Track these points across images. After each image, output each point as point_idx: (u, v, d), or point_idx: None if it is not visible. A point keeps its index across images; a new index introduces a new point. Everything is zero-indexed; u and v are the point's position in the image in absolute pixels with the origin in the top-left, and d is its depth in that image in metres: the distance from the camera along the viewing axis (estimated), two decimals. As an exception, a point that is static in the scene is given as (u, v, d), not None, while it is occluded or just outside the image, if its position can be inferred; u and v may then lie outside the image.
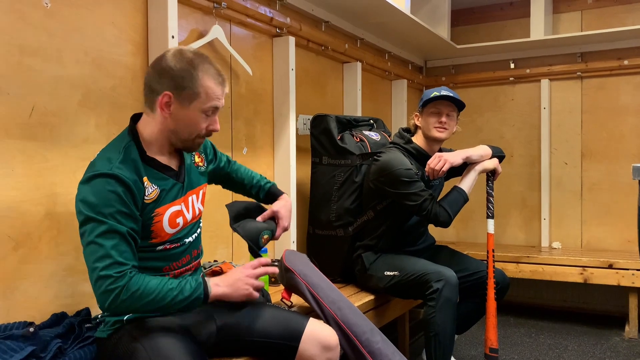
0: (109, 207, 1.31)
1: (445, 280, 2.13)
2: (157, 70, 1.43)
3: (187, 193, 1.54)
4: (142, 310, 1.36)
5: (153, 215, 1.43)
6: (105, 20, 1.84)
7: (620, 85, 3.69)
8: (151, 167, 1.45)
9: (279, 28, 2.57)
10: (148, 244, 1.44)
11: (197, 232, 1.60)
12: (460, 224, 4.16)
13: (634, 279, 3.16)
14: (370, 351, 1.83)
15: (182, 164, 1.56)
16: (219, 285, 1.44)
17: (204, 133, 1.48)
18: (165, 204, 1.46)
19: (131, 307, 1.32)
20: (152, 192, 1.43)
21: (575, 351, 3.02)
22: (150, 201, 1.42)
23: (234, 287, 1.47)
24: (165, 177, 1.47)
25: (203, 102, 1.42)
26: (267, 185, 1.90)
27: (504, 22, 4.09)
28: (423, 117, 2.38)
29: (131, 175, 1.37)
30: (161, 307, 1.34)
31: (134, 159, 1.41)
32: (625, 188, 3.60)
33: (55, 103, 1.68)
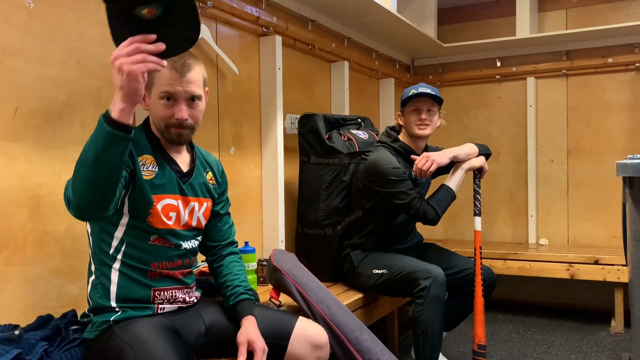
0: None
1: (432, 277, 2.14)
2: None
3: (189, 197, 1.54)
4: (83, 179, 1.21)
5: (153, 196, 1.44)
6: (89, 21, 1.82)
7: (605, 83, 3.73)
8: (159, 153, 1.49)
9: (265, 27, 2.57)
10: (144, 226, 1.44)
11: (194, 243, 1.59)
12: (448, 221, 4.18)
13: (619, 274, 3.20)
14: (358, 349, 1.84)
15: (192, 170, 1.57)
16: (115, 99, 1.20)
17: (173, 122, 1.45)
18: (163, 194, 1.47)
19: (74, 184, 1.23)
20: (149, 170, 1.45)
21: (562, 346, 3.05)
22: (147, 178, 1.44)
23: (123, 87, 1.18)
24: (167, 167, 1.50)
25: (157, 87, 1.44)
26: (241, 297, 1.60)
27: (490, 21, 4.11)
28: (405, 116, 2.40)
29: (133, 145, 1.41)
30: (87, 162, 1.19)
31: (141, 137, 1.48)
32: (610, 184, 3.64)
33: (39, 104, 1.66)
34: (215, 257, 1.69)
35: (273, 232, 2.64)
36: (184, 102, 1.45)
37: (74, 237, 1.73)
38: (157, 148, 1.51)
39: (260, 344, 1.49)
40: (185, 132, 1.49)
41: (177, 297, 1.53)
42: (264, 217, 2.65)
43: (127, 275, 1.45)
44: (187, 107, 1.46)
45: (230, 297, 1.60)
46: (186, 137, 1.51)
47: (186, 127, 1.48)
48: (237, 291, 1.60)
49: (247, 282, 1.66)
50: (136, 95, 1.19)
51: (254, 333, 1.51)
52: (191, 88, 1.45)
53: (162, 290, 1.50)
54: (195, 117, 1.49)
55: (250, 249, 2.25)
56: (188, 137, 1.52)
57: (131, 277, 1.45)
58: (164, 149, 1.52)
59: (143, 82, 1.19)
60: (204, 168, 1.63)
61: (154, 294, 1.48)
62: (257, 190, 2.64)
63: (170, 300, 1.52)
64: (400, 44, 3.82)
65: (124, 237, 1.44)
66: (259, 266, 2.36)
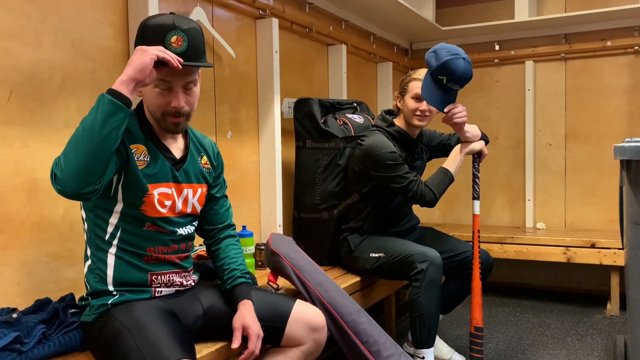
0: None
1: (429, 261, 2.14)
2: None
3: (183, 184, 1.53)
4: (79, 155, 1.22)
5: (146, 194, 1.43)
6: (84, 3, 1.81)
7: (603, 66, 3.72)
8: (151, 141, 1.47)
9: (262, 10, 2.54)
10: (138, 213, 1.44)
11: (189, 229, 1.58)
12: (446, 206, 4.19)
13: (615, 257, 3.21)
14: (356, 332, 1.85)
15: (186, 156, 1.55)
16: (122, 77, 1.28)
17: (170, 110, 1.44)
18: (157, 183, 1.46)
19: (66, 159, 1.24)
20: (141, 160, 1.43)
21: (558, 329, 3.07)
22: (141, 167, 1.43)
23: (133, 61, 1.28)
24: (160, 155, 1.48)
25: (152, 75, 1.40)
26: (238, 281, 1.60)
27: (488, 4, 4.08)
28: (404, 101, 2.39)
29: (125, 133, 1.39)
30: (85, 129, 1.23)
31: (132, 126, 1.44)
32: (608, 168, 3.64)
33: (34, 87, 1.65)
34: (212, 241, 1.69)
35: (271, 217, 2.64)
36: (180, 89, 1.44)
37: (71, 221, 1.73)
38: (150, 136, 1.48)
39: (254, 329, 1.49)
40: (182, 120, 1.47)
41: (175, 281, 1.54)
42: (261, 202, 2.65)
43: (124, 259, 1.45)
44: (183, 94, 1.45)
45: (227, 281, 1.60)
46: (183, 125, 1.49)
47: (183, 115, 1.46)
48: (234, 275, 1.60)
49: (244, 265, 1.66)
50: (141, 70, 1.26)
51: (249, 318, 1.51)
52: (187, 75, 1.44)
53: (159, 274, 1.50)
54: (191, 103, 1.48)
55: (248, 233, 2.25)
56: (185, 125, 1.51)
57: (128, 261, 1.45)
58: (156, 137, 1.50)
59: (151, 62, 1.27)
60: (198, 152, 1.62)
61: (151, 277, 1.49)
62: (254, 174, 2.64)
63: (167, 284, 1.52)
64: (399, 27, 3.79)
65: (118, 224, 1.44)
66: (257, 250, 2.37)
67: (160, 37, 1.37)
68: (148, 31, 1.39)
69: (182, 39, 1.38)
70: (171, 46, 1.37)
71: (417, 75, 2.35)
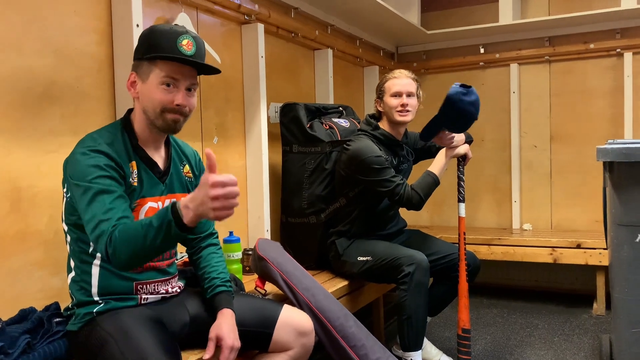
0: (94, 173, 1.34)
1: (416, 264, 2.16)
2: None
3: (168, 195, 1.53)
4: (133, 255, 1.27)
5: (135, 206, 1.43)
6: (67, 9, 1.80)
7: (587, 69, 3.76)
8: (139, 156, 1.47)
9: (247, 15, 2.54)
10: None
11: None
12: (433, 208, 4.21)
13: (600, 257, 3.25)
14: (344, 336, 1.86)
15: (169, 166, 1.55)
16: (189, 208, 1.22)
17: (172, 107, 1.44)
18: (146, 197, 1.46)
19: (120, 252, 1.27)
20: (135, 178, 1.44)
21: (545, 329, 3.10)
22: (134, 185, 1.43)
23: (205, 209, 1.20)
24: (148, 170, 1.48)
25: (159, 72, 1.42)
26: (218, 290, 1.59)
27: (473, 7, 4.11)
28: (384, 103, 2.41)
29: (120, 156, 1.41)
30: (144, 247, 1.26)
31: (122, 143, 1.45)
32: (592, 170, 3.68)
33: (17, 95, 1.64)
34: (194, 250, 1.68)
35: (258, 222, 2.64)
36: (184, 88, 1.45)
37: (56, 229, 1.72)
38: (137, 148, 1.48)
39: (228, 341, 1.45)
40: (181, 118, 1.47)
41: (160, 290, 1.54)
42: (249, 207, 2.65)
43: (108, 269, 1.43)
44: (185, 94, 1.46)
45: (207, 290, 1.59)
46: (180, 125, 1.48)
47: (183, 114, 1.46)
48: (214, 284, 1.59)
49: (225, 273, 1.64)
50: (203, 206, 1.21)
51: (225, 329, 1.47)
52: (192, 77, 1.47)
53: (145, 283, 1.50)
54: (191, 105, 1.49)
55: (235, 239, 2.25)
56: (181, 125, 1.49)
57: (112, 271, 1.44)
58: (142, 149, 1.49)
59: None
60: (180, 161, 1.61)
61: (137, 287, 1.48)
62: (241, 179, 2.63)
63: (152, 292, 1.52)
64: (384, 31, 3.81)
65: None
66: (244, 255, 2.37)
67: (172, 40, 1.41)
68: (158, 34, 1.42)
69: (192, 43, 1.43)
70: (182, 48, 1.41)
71: (392, 75, 2.41)
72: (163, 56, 1.40)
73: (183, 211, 1.22)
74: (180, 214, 1.22)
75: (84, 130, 1.58)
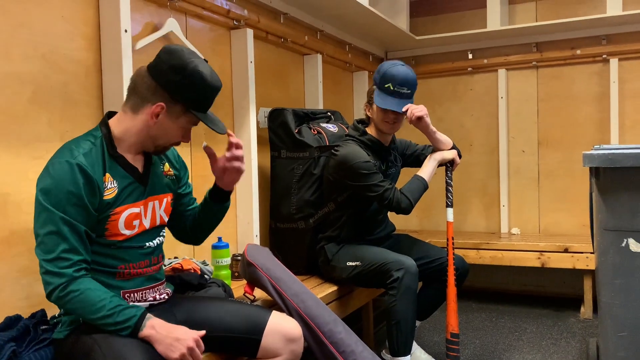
0: (65, 198, 1.32)
1: (405, 269, 2.16)
2: (150, 78, 1.44)
3: (148, 197, 1.53)
4: (74, 313, 1.37)
5: (110, 214, 1.42)
6: (54, 14, 1.79)
7: (574, 74, 3.80)
8: (117, 163, 1.46)
9: (236, 20, 2.54)
10: (102, 240, 1.43)
11: (158, 240, 1.58)
12: (422, 213, 4.22)
13: (588, 261, 3.28)
14: (333, 342, 1.85)
15: (149, 168, 1.54)
16: (154, 330, 1.36)
17: (175, 142, 1.54)
18: (125, 205, 1.45)
19: (65, 306, 1.35)
20: (110, 189, 1.42)
21: (534, 333, 3.12)
22: (108, 197, 1.41)
23: (167, 344, 1.36)
24: (128, 176, 1.47)
25: (191, 115, 1.47)
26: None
27: (462, 13, 4.14)
28: (372, 109, 2.42)
29: (94, 169, 1.38)
30: (91, 317, 1.34)
31: (101, 153, 1.43)
32: (579, 174, 3.71)
33: (4, 100, 1.63)
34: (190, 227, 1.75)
35: (247, 227, 2.63)
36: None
37: (42, 235, 1.70)
38: (116, 157, 1.46)
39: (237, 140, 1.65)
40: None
41: (148, 298, 1.53)
42: (237, 212, 2.64)
43: (95, 279, 1.41)
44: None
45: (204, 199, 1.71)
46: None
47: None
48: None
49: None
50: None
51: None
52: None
53: (132, 292, 1.50)
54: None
55: (223, 244, 2.24)
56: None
57: (99, 280, 1.42)
58: (122, 157, 1.48)
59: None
60: (160, 161, 1.62)
61: (124, 295, 1.48)
62: (230, 184, 2.62)
63: (140, 299, 1.51)
64: (374, 36, 3.82)
65: None
66: (233, 261, 2.36)
67: (213, 97, 1.50)
68: (210, 91, 1.48)
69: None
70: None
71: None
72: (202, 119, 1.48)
73: (146, 330, 1.35)
74: (142, 327, 1.35)
75: (71, 136, 1.57)
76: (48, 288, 1.33)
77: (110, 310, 1.33)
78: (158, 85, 1.43)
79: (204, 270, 1.99)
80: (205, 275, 1.97)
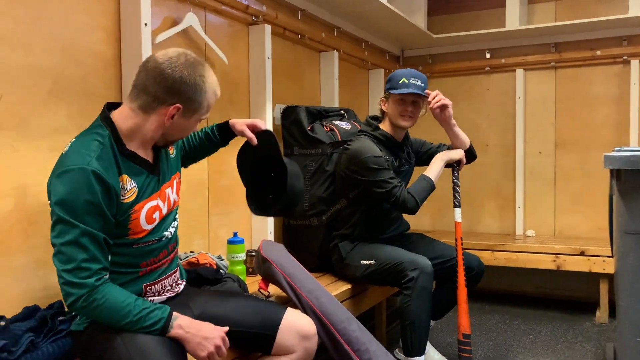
0: (83, 207, 1.28)
1: (420, 269, 2.15)
2: (163, 79, 1.37)
3: (162, 186, 1.52)
4: (99, 321, 1.35)
5: (130, 213, 1.40)
6: (75, 7, 1.79)
7: (593, 76, 3.75)
8: (130, 161, 1.41)
9: (254, 16, 2.54)
10: (124, 241, 1.41)
11: (173, 226, 1.58)
12: (435, 212, 4.20)
13: (604, 265, 3.24)
14: (347, 340, 1.84)
15: (158, 157, 1.53)
16: (182, 330, 1.37)
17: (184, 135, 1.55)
18: (143, 200, 1.43)
19: (89, 314, 1.35)
20: (130, 190, 1.40)
21: (548, 336, 3.08)
22: (128, 200, 1.39)
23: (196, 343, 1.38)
24: (142, 170, 1.45)
25: (203, 113, 1.48)
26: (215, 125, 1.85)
27: (480, 12, 4.11)
28: (389, 103, 2.40)
29: (109, 173, 1.33)
30: (117, 326, 1.33)
31: (112, 154, 1.37)
32: (596, 176, 3.67)
33: (24, 92, 1.64)
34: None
35: (262, 223, 2.63)
36: None
37: (60, 227, 1.71)
38: (128, 156, 1.41)
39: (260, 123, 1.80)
40: None
41: (166, 287, 1.54)
42: (252, 208, 2.64)
43: (117, 279, 1.40)
44: None
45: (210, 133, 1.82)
46: None
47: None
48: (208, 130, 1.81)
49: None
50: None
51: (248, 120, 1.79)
52: None
53: (153, 284, 1.50)
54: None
55: (239, 240, 2.24)
56: None
57: (122, 280, 1.42)
58: (133, 153, 1.43)
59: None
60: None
61: (145, 289, 1.48)
62: (245, 180, 2.62)
63: (160, 291, 1.52)
64: (390, 34, 3.80)
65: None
66: (248, 257, 2.36)
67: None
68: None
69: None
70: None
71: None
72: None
73: (174, 330, 1.36)
74: (170, 328, 1.35)
75: (91, 129, 1.57)
76: (69, 299, 1.29)
77: (136, 315, 1.32)
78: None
79: (219, 265, 1.99)
80: (220, 270, 1.97)
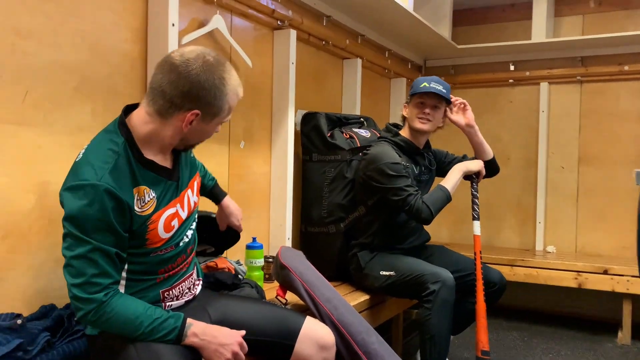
0: (93, 225, 1.23)
1: (442, 282, 2.10)
2: (180, 83, 1.29)
3: (182, 192, 1.48)
4: (112, 332, 1.31)
5: (148, 224, 1.35)
6: (103, 5, 1.79)
7: (619, 91, 3.68)
8: (148, 169, 1.36)
9: (280, 20, 2.52)
10: (141, 250, 1.37)
11: (191, 227, 1.54)
12: (454, 225, 4.14)
13: (628, 285, 3.15)
14: (365, 352, 1.80)
15: (178, 160, 1.48)
16: (197, 337, 1.33)
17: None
18: (161, 209, 1.38)
19: (100, 327, 1.30)
20: (148, 202, 1.35)
21: (568, 356, 3.00)
22: (147, 212, 1.34)
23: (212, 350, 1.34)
24: (160, 178, 1.39)
25: (224, 116, 1.41)
26: (210, 183, 1.82)
27: (505, 24, 4.06)
28: (409, 108, 2.37)
29: (122, 188, 1.28)
30: (130, 337, 1.29)
31: (127, 163, 1.31)
32: (621, 193, 3.59)
33: (50, 88, 1.63)
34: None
35: (280, 229, 2.60)
36: None
37: (80, 226, 1.69)
38: (146, 165, 1.35)
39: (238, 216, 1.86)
40: None
41: (184, 290, 1.51)
42: (271, 214, 2.61)
43: (135, 287, 1.38)
44: None
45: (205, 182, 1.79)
46: None
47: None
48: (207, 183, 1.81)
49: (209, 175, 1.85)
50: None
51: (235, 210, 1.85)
52: None
53: (170, 289, 1.47)
54: None
55: (258, 245, 2.21)
56: None
57: (140, 287, 1.39)
58: (150, 162, 1.37)
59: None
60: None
61: (163, 295, 1.45)
62: (265, 185, 2.60)
63: (178, 296, 1.49)
64: (414, 43, 3.77)
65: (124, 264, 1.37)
66: (266, 263, 2.32)
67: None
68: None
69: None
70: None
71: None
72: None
73: (189, 339, 1.32)
74: (184, 337, 1.31)
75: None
76: (79, 313, 1.26)
77: (149, 326, 1.28)
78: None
79: (237, 270, 1.96)
80: (239, 275, 1.94)
